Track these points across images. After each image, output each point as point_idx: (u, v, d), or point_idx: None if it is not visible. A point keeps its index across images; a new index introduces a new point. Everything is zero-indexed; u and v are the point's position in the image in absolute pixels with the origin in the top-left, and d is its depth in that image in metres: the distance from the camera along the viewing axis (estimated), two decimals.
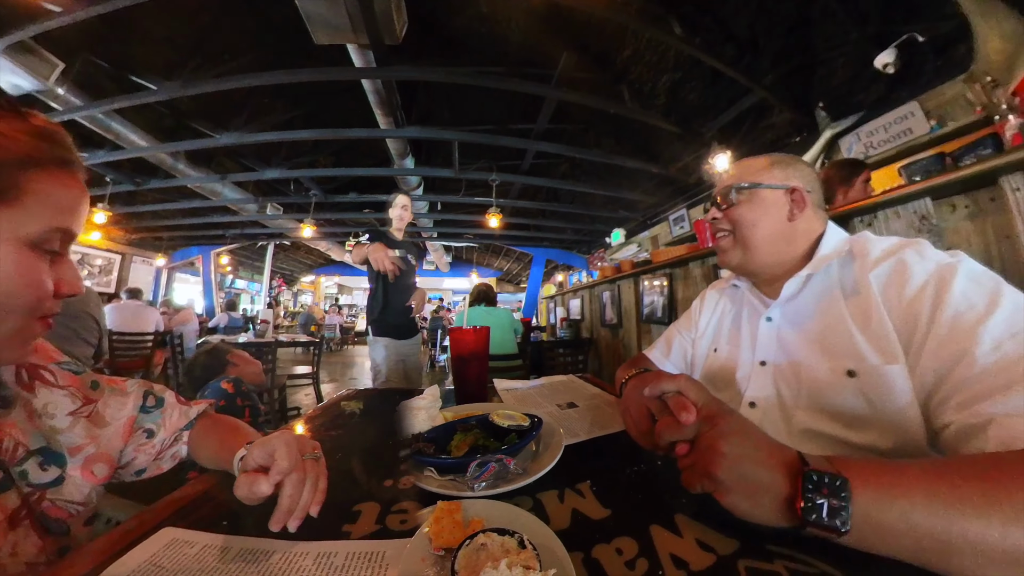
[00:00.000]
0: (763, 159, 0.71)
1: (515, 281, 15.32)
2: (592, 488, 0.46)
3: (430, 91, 3.91)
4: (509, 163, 4.92)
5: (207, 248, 8.37)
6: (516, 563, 0.28)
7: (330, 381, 5.75)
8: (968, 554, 0.27)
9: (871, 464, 0.33)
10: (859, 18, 2.62)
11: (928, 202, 1.27)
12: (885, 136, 2.84)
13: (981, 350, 0.40)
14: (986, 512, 0.27)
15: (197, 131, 4.07)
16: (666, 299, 2.66)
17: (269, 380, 3.05)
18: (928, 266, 0.49)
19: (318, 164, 5.16)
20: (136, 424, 0.57)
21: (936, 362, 0.44)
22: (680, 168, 4.74)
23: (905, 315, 0.49)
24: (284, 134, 3.92)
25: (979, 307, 0.43)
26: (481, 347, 0.85)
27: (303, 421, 0.80)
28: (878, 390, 0.49)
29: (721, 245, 0.73)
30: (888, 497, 0.30)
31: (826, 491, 0.31)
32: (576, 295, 4.70)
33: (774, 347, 0.66)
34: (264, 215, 6.31)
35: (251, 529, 0.39)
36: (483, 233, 7.80)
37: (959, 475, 0.30)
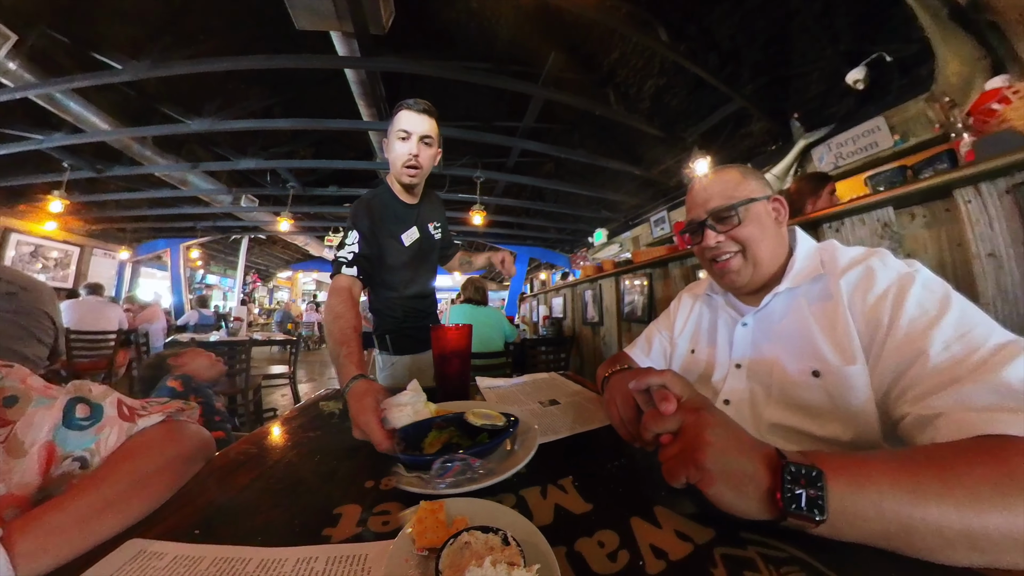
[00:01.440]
0: (733, 173, 0.70)
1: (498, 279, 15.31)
2: (574, 483, 0.47)
3: (416, 84, 3.84)
4: (494, 160, 4.91)
5: (176, 241, 7.90)
6: (500, 560, 0.28)
7: (308, 381, 5.57)
8: (928, 536, 0.30)
9: (841, 457, 0.36)
10: (833, 36, 2.77)
11: (890, 211, 1.35)
12: (853, 148, 3.00)
13: (933, 350, 0.44)
14: (943, 498, 0.30)
15: (166, 116, 3.82)
16: (646, 298, 2.72)
17: (243, 380, 2.93)
18: (890, 274, 0.54)
19: (296, 155, 4.97)
20: (60, 450, 0.43)
21: (895, 361, 0.48)
22: (662, 171, 4.86)
23: (868, 317, 0.53)
24: (261, 122, 3.75)
25: (931, 312, 0.47)
26: (463, 345, 0.85)
27: (279, 423, 0.77)
28: (839, 388, 0.53)
29: (730, 266, 0.68)
30: (859, 487, 0.32)
31: (804, 482, 0.33)
32: (559, 293, 4.74)
33: (749, 350, 0.69)
34: (238, 207, 6.03)
35: (226, 537, 0.38)
36: (467, 230, 7.73)
37: (919, 465, 0.34)
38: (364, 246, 1.07)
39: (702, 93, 3.54)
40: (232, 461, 0.56)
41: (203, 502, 0.44)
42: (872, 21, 2.56)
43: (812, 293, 0.62)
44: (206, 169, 4.88)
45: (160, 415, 0.52)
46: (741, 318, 0.71)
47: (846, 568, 0.30)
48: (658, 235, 5.57)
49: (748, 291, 0.71)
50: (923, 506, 0.30)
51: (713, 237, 0.68)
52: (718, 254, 0.69)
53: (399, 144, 1.10)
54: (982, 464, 0.32)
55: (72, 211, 5.30)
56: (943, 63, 1.75)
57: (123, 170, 4.66)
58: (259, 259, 12.51)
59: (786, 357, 0.62)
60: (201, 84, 3.49)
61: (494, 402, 0.85)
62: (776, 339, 0.65)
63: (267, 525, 0.40)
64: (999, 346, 0.41)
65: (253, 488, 0.48)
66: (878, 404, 0.51)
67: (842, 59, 2.74)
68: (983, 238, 1.13)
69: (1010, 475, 0.31)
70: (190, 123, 3.71)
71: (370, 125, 3.73)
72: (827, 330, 0.57)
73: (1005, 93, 1.28)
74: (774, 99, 3.46)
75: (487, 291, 3.00)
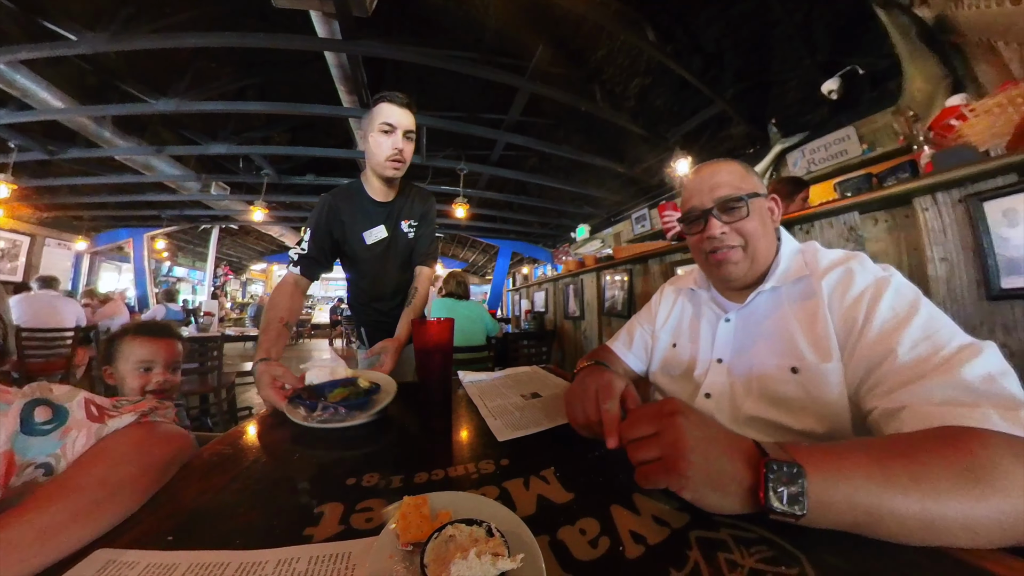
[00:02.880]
0: (737, 165, 0.70)
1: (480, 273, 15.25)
2: (556, 474, 0.48)
3: (399, 71, 3.75)
4: (478, 153, 4.86)
5: (139, 231, 7.39)
6: (485, 551, 0.29)
7: None
8: (894, 524, 0.33)
9: (818, 451, 0.37)
10: (812, 47, 2.89)
11: (856, 215, 1.42)
12: (825, 155, 3.14)
13: (902, 349, 0.48)
14: (908, 491, 0.33)
15: (127, 94, 3.54)
16: (626, 293, 2.77)
17: (216, 379, 2.80)
18: (868, 277, 0.57)
19: (272, 141, 4.73)
20: (20, 458, 0.39)
21: (867, 357, 0.52)
22: (644, 169, 4.94)
23: (845, 316, 0.56)
24: (233, 105, 3.53)
25: (902, 315, 0.51)
26: (445, 339, 0.84)
27: (255, 421, 0.74)
28: (816, 384, 0.57)
29: (731, 257, 0.67)
30: (834, 481, 0.34)
31: (786, 479, 0.34)
32: (541, 288, 4.78)
33: (731, 346, 0.71)
34: (208, 195, 5.67)
35: (202, 542, 0.36)
36: (449, 223, 7.64)
37: (889, 457, 0.36)
38: (313, 248, 1.13)
39: (685, 95, 3.61)
40: (206, 463, 0.53)
41: (176, 507, 0.42)
42: (848, 35, 2.67)
43: (794, 292, 0.65)
44: (172, 153, 4.57)
45: (132, 415, 0.49)
46: (725, 314, 0.73)
47: (811, 546, 0.32)
48: (639, 232, 5.68)
49: (739, 286, 0.71)
50: (891, 498, 0.33)
51: (719, 227, 0.66)
52: (720, 245, 0.67)
53: (382, 138, 1.08)
54: (945, 457, 0.35)
55: (20, 197, 4.85)
56: (910, 79, 1.85)
57: (78, 152, 4.30)
58: (231, 251, 11.91)
59: (767, 354, 0.64)
60: (167, 61, 3.28)
61: (476, 395, 0.86)
62: (758, 336, 0.67)
63: (245, 528, 0.38)
64: (960, 347, 0.45)
65: (229, 490, 0.46)
66: (850, 398, 0.54)
67: (819, 70, 2.86)
68: (937, 243, 1.20)
69: (969, 468, 0.34)
70: (154, 103, 3.45)
71: (350, 112, 3.61)
72: (807, 328, 0.60)
73: (963, 111, 1.36)
74: (754, 104, 3.57)
75: (469, 285, 2.99)
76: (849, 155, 2.97)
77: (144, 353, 1.04)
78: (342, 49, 2.86)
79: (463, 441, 0.63)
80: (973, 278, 1.13)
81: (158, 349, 1.06)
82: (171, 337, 1.11)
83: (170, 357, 1.09)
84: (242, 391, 4.09)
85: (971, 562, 0.30)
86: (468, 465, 0.52)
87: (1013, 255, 1.05)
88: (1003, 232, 1.06)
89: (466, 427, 0.69)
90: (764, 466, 0.35)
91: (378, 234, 1.20)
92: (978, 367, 0.42)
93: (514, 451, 0.56)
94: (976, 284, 1.12)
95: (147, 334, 1.05)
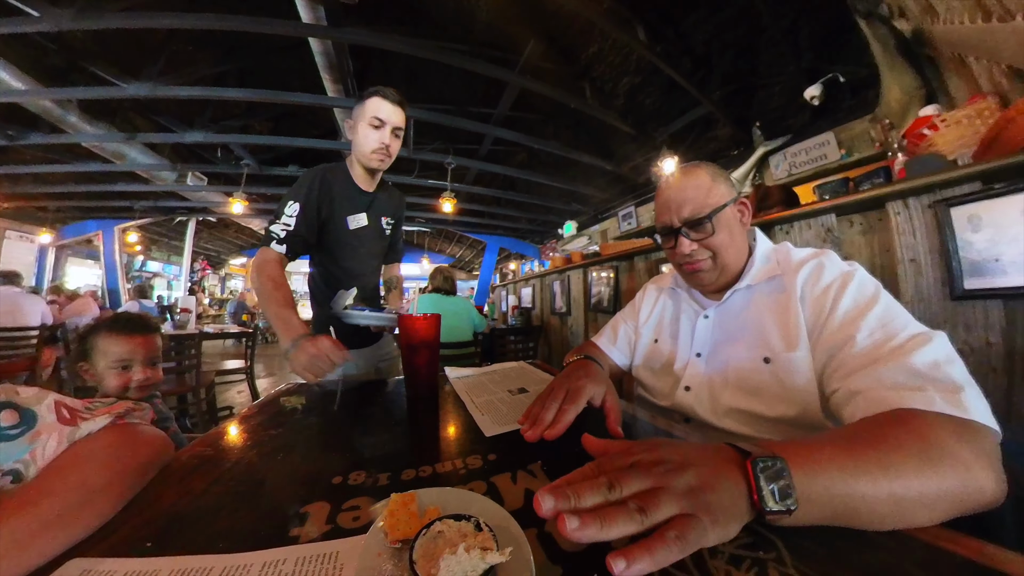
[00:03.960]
0: (704, 176, 0.71)
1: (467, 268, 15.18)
2: (543, 467, 0.49)
3: (386, 60, 3.68)
4: (466, 147, 4.82)
5: (109, 222, 6.94)
6: (474, 546, 0.29)
7: (267, 376, 5.24)
8: (864, 511, 0.34)
9: (792, 445, 0.36)
10: (797, 53, 2.97)
11: (833, 217, 1.48)
12: (806, 158, 3.24)
13: (860, 336, 0.52)
14: (877, 479, 0.34)
15: (96, 76, 3.33)
16: (612, 290, 2.81)
17: (194, 378, 2.71)
18: (835, 271, 0.62)
19: (252, 130, 4.54)
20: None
21: (830, 344, 0.56)
22: (632, 168, 4.99)
23: (814, 306, 0.60)
24: (212, 91, 3.34)
25: (862, 305, 0.55)
26: (432, 335, 0.84)
27: (237, 421, 0.72)
28: (787, 372, 0.60)
29: (702, 268, 0.72)
30: (813, 473, 0.34)
31: (773, 475, 0.32)
32: (528, 284, 4.79)
33: (709, 341, 0.75)
34: (183, 186, 5.41)
35: (184, 547, 0.35)
36: (436, 218, 7.58)
37: (857, 446, 0.37)
38: (301, 224, 1.03)
39: (674, 95, 3.66)
40: (185, 465, 0.52)
41: (154, 511, 0.41)
42: (832, 44, 2.75)
43: (767, 289, 0.69)
44: (145, 141, 4.34)
45: (107, 417, 0.46)
46: (703, 311, 0.76)
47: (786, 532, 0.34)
48: (625, 229, 5.75)
49: (713, 290, 0.76)
50: (863, 487, 0.33)
51: (688, 245, 0.70)
52: (690, 260, 0.72)
53: (371, 131, 1.07)
54: (904, 442, 0.37)
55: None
56: (887, 89, 1.92)
57: (41, 138, 4.02)
58: (209, 244, 11.43)
59: (742, 347, 0.68)
60: (140, 42, 3.12)
61: (462, 391, 0.86)
62: (734, 331, 0.71)
63: (229, 530, 0.37)
64: (911, 336, 0.48)
65: (211, 493, 0.45)
66: (818, 382, 0.57)
67: (802, 76, 2.94)
68: (907, 246, 1.26)
69: (923, 451, 0.36)
70: (125, 87, 3.24)
71: (336, 101, 3.52)
72: (779, 320, 0.64)
73: (934, 121, 1.42)
74: (739, 107, 3.64)
75: (456, 280, 2.97)
76: (828, 159, 3.07)
77: (120, 351, 0.96)
78: (328, 36, 2.78)
79: (450, 437, 0.63)
80: (939, 278, 1.19)
81: (135, 346, 0.98)
82: (148, 332, 1.03)
83: (149, 353, 1.01)
84: (222, 390, 3.96)
85: (928, 541, 0.32)
86: (456, 461, 0.52)
87: (975, 258, 1.10)
88: (967, 236, 1.12)
89: (453, 423, 0.69)
90: (751, 464, 0.33)
91: (360, 221, 1.17)
92: (926, 354, 0.45)
93: (501, 446, 0.56)
94: (941, 284, 1.18)
95: (122, 330, 0.98)
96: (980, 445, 0.37)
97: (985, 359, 1.08)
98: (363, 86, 3.68)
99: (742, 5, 2.76)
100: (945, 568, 0.30)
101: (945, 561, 0.31)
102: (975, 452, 0.37)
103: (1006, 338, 1.06)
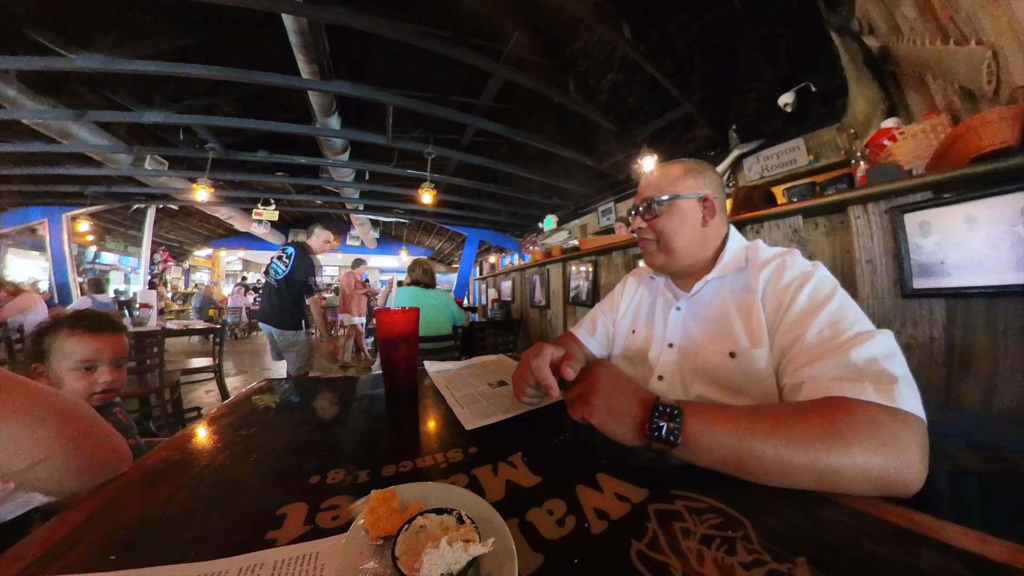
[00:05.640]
0: (678, 167, 0.78)
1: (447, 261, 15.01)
2: (523, 459, 0.49)
3: (366, 42, 3.52)
4: (447, 137, 4.72)
5: (56, 210, 6.28)
6: (456, 538, 0.29)
7: (237, 374, 5.00)
8: (753, 465, 0.41)
9: (703, 405, 0.47)
10: (773, 61, 3.07)
11: (799, 219, 1.56)
12: (777, 162, 3.38)
13: (810, 333, 0.55)
14: (767, 438, 0.41)
15: (38, 45, 2.97)
16: (591, 283, 2.86)
17: (157, 378, 2.57)
18: (796, 270, 0.65)
19: (218, 111, 4.17)
20: None
21: (785, 339, 0.59)
22: (612, 164, 5.05)
23: (774, 302, 0.64)
24: (173, 66, 3.05)
25: (817, 303, 0.58)
26: (410, 329, 0.83)
27: (205, 423, 0.68)
28: (750, 367, 0.63)
29: (647, 249, 0.81)
30: (707, 425, 0.44)
31: (667, 418, 0.44)
32: (508, 277, 4.79)
33: (680, 332, 0.77)
34: (141, 170, 4.93)
35: (152, 557, 0.33)
36: (415, 209, 7.41)
37: (760, 415, 0.45)
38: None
39: (655, 95, 3.71)
40: (150, 472, 0.49)
41: (118, 522, 0.38)
42: (806, 54, 2.87)
43: (736, 284, 0.71)
44: (97, 119, 3.89)
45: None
46: (676, 302, 0.80)
47: (752, 512, 0.36)
48: (604, 224, 5.83)
49: (667, 273, 0.83)
50: (752, 444, 0.42)
51: (637, 223, 0.81)
52: (639, 237, 0.82)
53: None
54: (809, 419, 0.43)
55: None
56: (853, 100, 2.02)
57: None
58: (171, 234, 10.52)
59: (709, 340, 0.71)
60: (90, 8, 2.83)
61: (442, 385, 0.85)
62: (703, 324, 0.74)
63: (200, 537, 0.36)
64: (857, 334, 0.51)
65: (179, 499, 0.43)
66: (775, 376, 0.61)
67: (777, 83, 3.05)
68: (865, 248, 1.35)
69: (825, 429, 0.41)
70: (74, 58, 2.91)
71: (310, 84, 3.34)
72: (744, 318, 0.66)
73: (894, 133, 1.51)
74: (717, 110, 3.74)
75: (435, 273, 2.93)
76: (797, 164, 3.21)
77: (86, 351, 0.89)
78: (302, 13, 2.64)
79: (431, 431, 0.63)
80: (891, 278, 1.28)
81: (101, 346, 0.91)
82: (115, 330, 0.96)
83: (116, 353, 0.94)
84: (189, 390, 3.72)
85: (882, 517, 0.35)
86: (436, 455, 0.52)
87: (924, 260, 1.19)
88: (918, 241, 1.21)
89: (433, 417, 0.69)
90: (652, 407, 0.45)
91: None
92: (867, 350, 0.48)
93: (482, 439, 0.57)
94: (893, 283, 1.27)
95: (87, 329, 0.91)
96: (906, 432, 0.41)
97: (928, 352, 1.18)
98: (339, 68, 3.53)
99: (725, 11, 2.82)
100: (888, 536, 0.33)
101: (888, 531, 0.34)
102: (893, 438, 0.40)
103: (947, 333, 1.16)
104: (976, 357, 1.10)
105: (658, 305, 0.85)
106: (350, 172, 5.77)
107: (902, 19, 1.65)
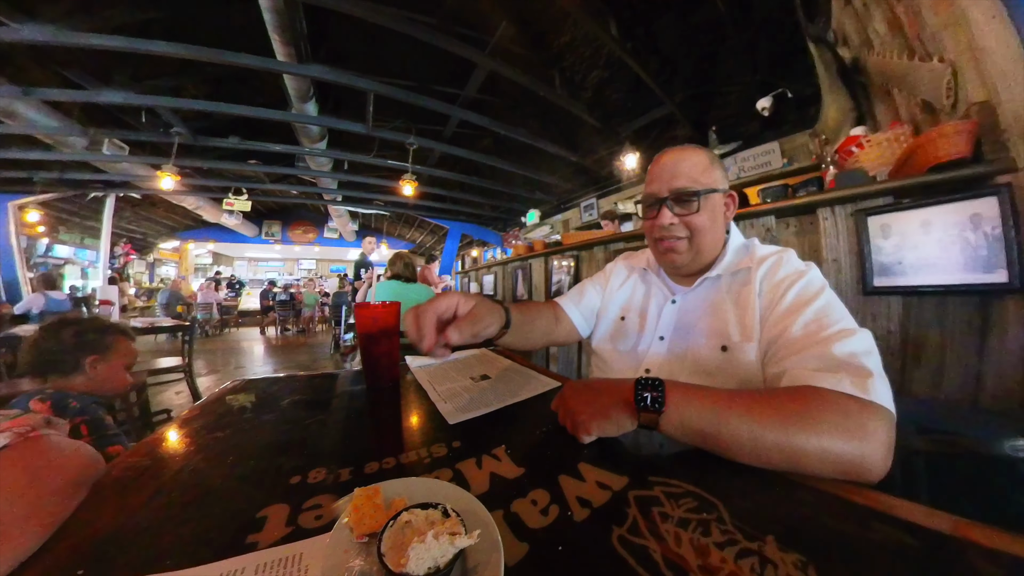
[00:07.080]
0: (703, 156, 0.71)
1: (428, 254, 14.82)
2: (507, 451, 0.50)
3: (345, 25, 3.37)
4: (430, 128, 4.63)
5: (1, 198, 5.78)
6: (442, 532, 0.29)
7: (209, 373, 4.74)
8: (728, 441, 0.44)
9: (682, 382, 0.49)
10: (753, 66, 3.17)
11: (772, 219, 1.62)
12: (753, 164, 3.51)
13: (795, 327, 0.58)
14: (742, 417, 0.44)
15: None
16: (572, 278, 2.89)
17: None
18: (789, 268, 0.67)
19: (185, 93, 3.85)
20: None
21: (771, 332, 0.62)
22: (595, 160, 5.09)
23: (767, 299, 0.66)
24: (134, 42, 2.78)
25: (804, 300, 0.61)
26: (391, 323, 0.81)
27: (176, 425, 0.63)
28: (741, 360, 0.65)
29: (676, 248, 0.72)
30: (687, 400, 0.46)
31: (649, 388, 0.47)
32: (490, 271, 4.78)
33: (673, 325, 0.78)
34: (98, 155, 4.58)
35: (124, 569, 0.31)
36: (395, 201, 7.26)
37: (738, 397, 0.47)
38: None
39: (639, 93, 3.75)
40: (119, 480, 0.46)
41: (84, 535, 0.36)
42: (784, 61, 2.98)
43: (735, 281, 0.73)
44: (46, 98, 3.57)
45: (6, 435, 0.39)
46: (672, 296, 0.80)
47: (725, 496, 0.38)
48: (586, 220, 5.89)
49: (683, 273, 0.79)
50: (727, 422, 0.44)
51: (668, 217, 0.70)
52: (667, 235, 0.72)
53: None
54: (782, 403, 0.45)
55: None
56: (826, 108, 2.12)
57: None
58: (133, 225, 9.77)
59: (703, 334, 0.72)
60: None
61: (425, 380, 0.85)
62: (697, 318, 0.75)
63: (176, 545, 0.34)
64: (839, 330, 0.54)
65: (152, 506, 0.40)
66: (761, 366, 0.63)
67: (756, 88, 3.15)
68: (831, 248, 1.42)
69: (796, 413, 0.43)
70: (18, 28, 2.64)
71: (285, 67, 3.19)
72: (739, 313, 0.68)
73: (861, 140, 1.59)
74: (698, 111, 3.83)
75: (416, 267, 2.88)
76: (772, 166, 3.34)
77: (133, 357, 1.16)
78: None
79: (413, 427, 0.63)
80: (854, 276, 1.36)
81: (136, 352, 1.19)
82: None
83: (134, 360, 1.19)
84: (157, 391, 3.49)
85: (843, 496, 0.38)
86: (420, 451, 0.51)
87: (883, 260, 1.28)
88: (879, 242, 1.28)
89: (416, 412, 0.68)
90: (635, 383, 0.48)
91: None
92: (847, 346, 0.51)
93: (465, 433, 0.57)
94: (856, 281, 1.35)
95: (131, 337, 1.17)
96: (874, 423, 0.43)
97: (886, 345, 1.27)
98: (317, 51, 3.39)
99: (710, 14, 2.88)
100: (847, 514, 0.36)
101: (847, 509, 0.37)
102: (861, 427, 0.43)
103: (902, 327, 1.25)
104: (927, 349, 1.20)
105: (652, 298, 0.85)
106: (328, 161, 5.57)
107: (874, 33, 1.73)
